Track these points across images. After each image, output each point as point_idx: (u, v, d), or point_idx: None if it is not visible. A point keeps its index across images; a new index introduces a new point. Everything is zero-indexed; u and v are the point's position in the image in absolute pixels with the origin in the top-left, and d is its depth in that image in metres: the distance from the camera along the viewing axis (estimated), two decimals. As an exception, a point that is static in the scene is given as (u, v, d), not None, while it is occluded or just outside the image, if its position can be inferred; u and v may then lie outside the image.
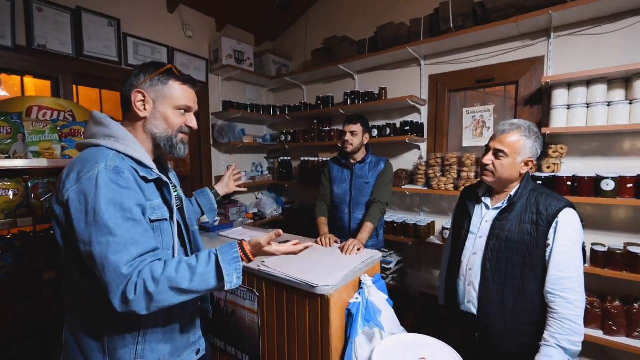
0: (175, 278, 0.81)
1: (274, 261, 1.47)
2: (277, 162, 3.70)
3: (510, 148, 1.25)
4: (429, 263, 2.80)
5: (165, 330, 0.96)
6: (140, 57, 2.70)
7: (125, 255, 0.79)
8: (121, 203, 0.81)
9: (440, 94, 2.71)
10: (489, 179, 1.32)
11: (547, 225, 1.18)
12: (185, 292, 0.83)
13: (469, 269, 1.35)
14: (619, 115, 1.81)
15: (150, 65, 0.98)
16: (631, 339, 1.76)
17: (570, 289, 1.14)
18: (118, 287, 0.78)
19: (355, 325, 1.27)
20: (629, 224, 1.97)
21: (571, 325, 1.12)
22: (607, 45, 2.01)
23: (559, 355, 1.12)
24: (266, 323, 1.44)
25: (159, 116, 0.97)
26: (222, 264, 0.87)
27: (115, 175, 0.83)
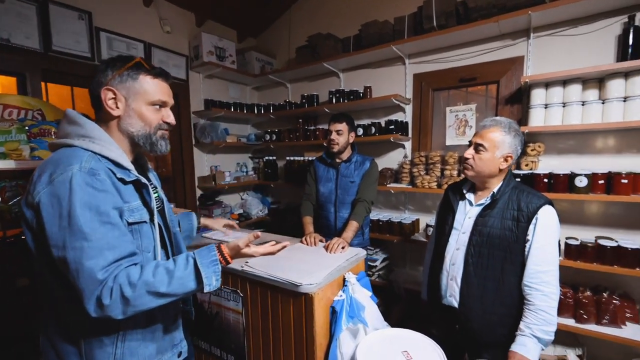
0: (153, 282, 0.80)
1: (257, 261, 1.47)
2: (262, 161, 3.67)
3: (490, 143, 1.29)
4: (413, 260, 2.85)
5: (145, 332, 0.94)
6: (114, 53, 2.58)
7: (100, 260, 0.77)
8: (97, 206, 0.79)
9: (425, 92, 2.75)
10: (470, 173, 1.36)
11: (527, 221, 1.23)
12: (163, 296, 0.83)
13: (452, 264, 1.39)
14: (593, 115, 1.88)
15: (117, 60, 0.92)
16: (600, 326, 1.86)
17: (546, 282, 1.19)
18: (92, 292, 0.76)
19: (340, 322, 1.30)
20: (600, 218, 2.07)
21: (545, 316, 1.18)
22: (582, 46, 2.08)
23: (533, 345, 1.17)
24: (251, 323, 1.45)
25: (133, 114, 0.92)
26: (201, 267, 0.87)
27: (91, 178, 0.80)
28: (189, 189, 3.25)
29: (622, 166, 1.93)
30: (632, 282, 1.96)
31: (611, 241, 1.83)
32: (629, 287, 1.97)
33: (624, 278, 1.94)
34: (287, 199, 3.75)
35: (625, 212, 1.99)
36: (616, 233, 2.00)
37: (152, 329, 0.96)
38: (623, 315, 1.84)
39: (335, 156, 2.17)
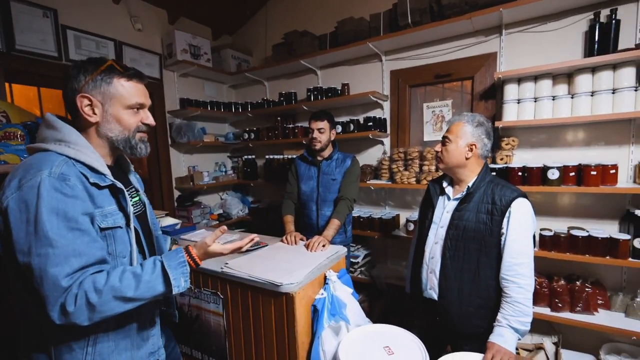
0: (120, 287, 0.79)
1: (237, 262, 1.45)
2: (241, 161, 3.60)
3: (453, 134, 1.37)
4: (394, 255, 2.88)
5: (117, 337, 0.91)
6: (84, 52, 2.49)
7: (65, 267, 0.76)
8: (65, 212, 0.77)
9: (402, 89, 2.76)
10: (440, 165, 1.43)
11: (501, 214, 1.25)
12: (131, 300, 0.82)
13: (431, 258, 1.41)
14: (563, 109, 1.94)
15: (88, 64, 0.90)
16: (574, 314, 1.92)
17: (521, 274, 1.22)
18: (56, 300, 0.75)
19: (321, 320, 1.30)
20: (572, 209, 2.14)
21: (521, 308, 1.21)
22: (552, 42, 2.14)
23: (510, 335, 1.20)
24: (232, 324, 1.44)
25: (111, 119, 0.91)
26: (168, 270, 0.86)
27: (60, 183, 0.78)
28: (166, 190, 3.16)
29: (590, 158, 1.99)
30: (602, 270, 2.03)
31: (583, 231, 1.89)
32: (600, 275, 2.05)
33: (595, 266, 2.01)
34: (267, 198, 3.70)
35: (594, 202, 2.07)
36: (587, 223, 2.07)
37: (125, 334, 0.93)
38: (595, 303, 1.91)
39: (317, 154, 2.16)
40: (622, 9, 1.89)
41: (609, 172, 1.80)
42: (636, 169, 1.90)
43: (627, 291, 1.96)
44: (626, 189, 1.79)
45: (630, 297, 1.89)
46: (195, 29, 3.35)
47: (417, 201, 2.78)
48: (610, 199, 2.00)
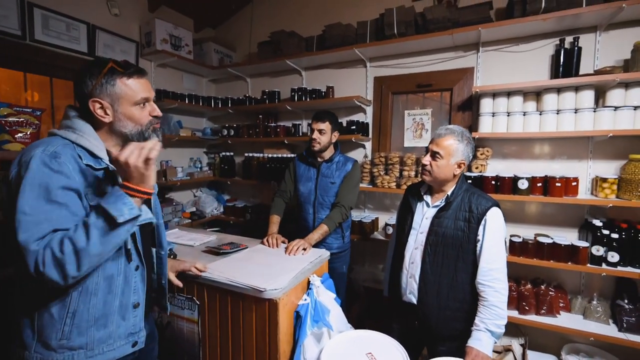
0: (73, 236, 0.82)
1: (216, 266, 1.39)
2: (218, 157, 3.51)
3: (445, 150, 1.38)
4: (372, 258, 2.93)
5: (98, 315, 0.94)
6: (52, 33, 2.30)
7: (35, 232, 0.81)
8: (47, 185, 0.83)
9: (385, 95, 2.84)
10: (427, 178, 1.44)
11: (477, 222, 1.33)
12: (88, 249, 0.82)
13: (411, 263, 1.45)
14: (532, 124, 2.09)
15: (92, 67, 0.95)
16: (539, 316, 2.06)
17: (497, 279, 1.30)
18: (30, 260, 0.80)
19: (304, 326, 1.27)
20: (538, 217, 2.30)
21: (498, 311, 1.28)
22: (523, 62, 2.31)
23: (487, 338, 1.27)
24: (207, 332, 1.37)
25: (122, 117, 0.97)
26: (105, 205, 0.83)
27: (50, 159, 0.85)
28: (136, 185, 3.00)
29: (554, 170, 2.17)
30: (564, 274, 2.21)
31: (548, 238, 2.04)
32: (562, 279, 2.22)
33: (557, 271, 2.18)
34: (245, 196, 3.64)
35: (557, 211, 2.24)
36: (550, 230, 2.25)
37: (106, 313, 0.96)
38: (558, 305, 2.06)
39: (316, 155, 2.11)
40: (584, 37, 2.09)
41: (571, 184, 1.97)
42: (593, 182, 2.09)
43: (585, 294, 2.14)
44: (585, 200, 1.96)
45: (587, 300, 2.07)
46: (177, 19, 3.25)
47: (396, 205, 2.86)
48: (571, 208, 2.18)
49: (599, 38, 2.06)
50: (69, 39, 2.40)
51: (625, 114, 1.84)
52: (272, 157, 3.12)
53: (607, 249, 1.88)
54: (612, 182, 1.89)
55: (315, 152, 2.08)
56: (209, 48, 3.37)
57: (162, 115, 1.05)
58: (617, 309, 1.96)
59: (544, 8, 1.95)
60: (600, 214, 2.08)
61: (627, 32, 1.99)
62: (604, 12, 1.86)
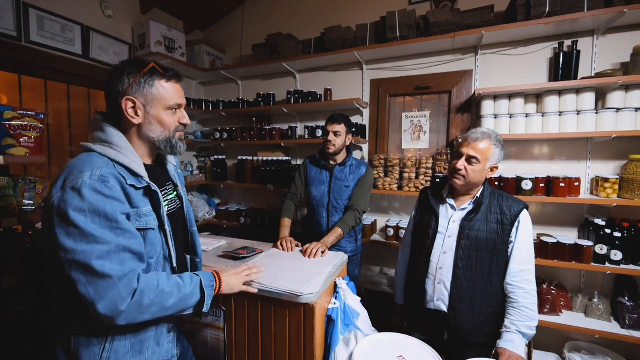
0: (167, 293, 0.83)
1: None
2: (209, 161, 3.40)
3: (482, 155, 1.33)
4: (370, 260, 2.89)
5: (135, 340, 0.91)
6: (47, 34, 2.22)
7: (113, 260, 0.78)
8: (105, 213, 0.79)
9: (382, 98, 2.83)
10: (460, 182, 1.38)
11: (511, 224, 1.31)
12: (168, 309, 0.86)
13: (439, 268, 1.40)
14: (535, 126, 2.12)
15: (130, 66, 0.92)
16: (542, 315, 2.07)
17: (527, 280, 1.28)
18: (107, 291, 0.76)
19: (337, 331, 1.24)
20: (539, 217, 2.33)
21: (529, 313, 1.26)
22: (520, 65, 2.35)
23: (519, 340, 1.24)
24: (234, 340, 1.30)
25: (153, 120, 0.94)
26: (205, 288, 0.92)
27: (100, 185, 0.80)
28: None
29: (554, 171, 2.21)
30: (565, 273, 2.24)
31: (551, 238, 2.07)
32: (562, 278, 2.26)
33: (556, 270, 2.21)
34: (236, 200, 3.55)
35: (557, 211, 2.28)
36: (550, 230, 2.28)
37: (142, 338, 0.93)
38: (559, 304, 2.09)
39: (330, 158, 2.08)
40: (582, 41, 2.15)
41: (573, 184, 2.00)
42: (593, 182, 2.14)
43: (585, 293, 2.18)
44: (587, 200, 2.00)
45: (588, 298, 2.10)
46: (168, 20, 3.15)
47: (395, 207, 2.85)
48: (571, 208, 2.23)
49: (596, 42, 2.12)
50: (64, 41, 2.34)
51: (626, 116, 1.90)
52: (267, 160, 3.06)
53: (610, 247, 1.92)
54: (613, 182, 1.93)
55: (329, 155, 2.05)
56: (201, 50, 3.28)
57: (189, 124, 1.03)
58: (619, 306, 2.00)
59: (548, 12, 1.99)
60: (600, 214, 2.13)
61: (624, 36, 2.05)
62: (604, 16, 1.91)
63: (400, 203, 2.83)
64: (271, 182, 2.96)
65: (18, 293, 1.62)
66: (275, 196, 3.28)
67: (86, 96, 2.69)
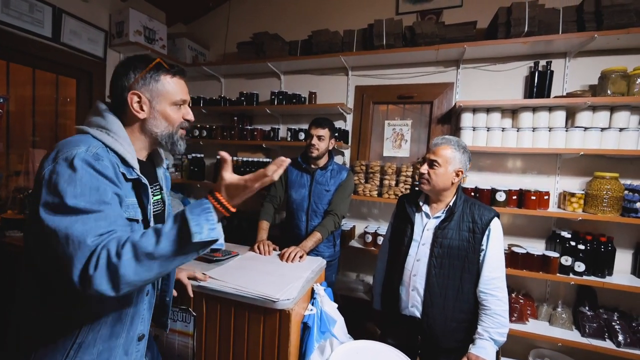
0: (139, 242, 0.72)
1: (215, 275, 1.30)
2: (186, 159, 3.30)
3: (442, 158, 1.40)
4: (346, 266, 2.90)
5: (102, 349, 0.86)
6: (12, 12, 2.06)
7: (92, 228, 0.72)
8: (97, 187, 0.76)
9: (366, 104, 2.86)
10: (426, 187, 1.44)
11: (482, 232, 1.35)
12: (153, 258, 0.72)
13: (413, 275, 1.42)
14: (510, 140, 2.21)
15: (137, 61, 0.92)
16: (511, 323, 2.13)
17: (499, 288, 1.32)
18: (79, 260, 0.70)
19: (312, 338, 1.22)
20: (510, 228, 2.42)
21: (500, 320, 1.30)
22: (498, 81, 2.45)
23: (491, 347, 1.28)
24: (204, 347, 1.25)
25: (158, 116, 0.94)
26: (188, 216, 0.75)
27: (94, 161, 0.78)
28: (95, 185, 2.72)
29: (525, 184, 2.31)
30: (532, 283, 2.34)
31: (521, 248, 2.15)
32: (530, 288, 2.35)
33: (525, 280, 2.30)
34: (214, 202, 3.44)
35: (527, 223, 2.38)
36: (520, 240, 2.38)
37: (110, 346, 0.87)
38: (526, 313, 2.17)
39: (312, 162, 2.08)
40: (556, 62, 2.26)
41: (543, 197, 2.10)
42: (560, 196, 2.25)
43: (550, 302, 2.28)
44: (555, 213, 2.10)
45: (552, 307, 2.20)
46: (148, 9, 3.02)
47: (374, 213, 2.87)
48: (540, 220, 2.33)
49: (568, 63, 2.24)
50: (31, 21, 2.17)
51: (593, 135, 2.01)
52: (246, 160, 3.01)
53: (574, 259, 2.02)
54: (579, 197, 2.04)
55: (313, 159, 2.05)
56: (183, 44, 3.19)
57: (194, 121, 1.01)
58: (580, 315, 2.10)
59: (527, 32, 2.08)
60: (566, 226, 2.24)
61: (593, 60, 2.19)
62: (576, 40, 2.03)
63: (380, 210, 2.86)
64: (250, 183, 2.90)
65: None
66: (253, 198, 3.18)
67: (54, 83, 2.52)
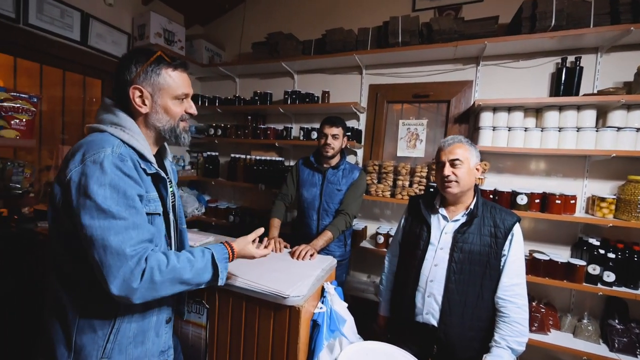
0: (178, 269, 0.84)
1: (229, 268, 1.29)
2: (201, 156, 3.34)
3: (462, 155, 1.32)
4: (357, 267, 2.84)
5: (137, 332, 0.91)
6: (45, 18, 2.19)
7: (127, 238, 0.78)
8: (124, 190, 0.80)
9: (379, 103, 2.79)
10: (455, 189, 1.32)
11: (504, 237, 1.27)
12: (182, 283, 0.86)
13: (430, 281, 1.34)
14: (533, 140, 2.09)
15: (138, 54, 0.92)
16: (531, 333, 2.02)
17: (519, 295, 1.24)
18: (119, 269, 0.76)
19: (321, 336, 1.20)
20: (532, 233, 2.29)
21: (519, 328, 1.21)
22: (522, 78, 2.32)
23: (508, 356, 1.20)
24: (216, 338, 1.27)
25: (160, 110, 0.94)
26: (218, 262, 0.92)
27: (120, 162, 0.82)
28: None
29: (550, 187, 2.17)
30: (555, 292, 2.20)
31: (544, 255, 2.02)
32: (552, 297, 2.21)
33: (547, 288, 2.16)
34: (227, 197, 3.50)
35: (550, 228, 2.24)
36: (543, 247, 2.24)
37: (144, 330, 0.93)
38: (548, 323, 2.04)
39: (324, 161, 2.06)
40: (586, 57, 2.12)
41: (569, 202, 1.96)
42: (589, 200, 2.10)
43: (575, 313, 2.13)
44: (582, 219, 1.96)
45: (577, 318, 2.06)
46: (168, 13, 3.11)
47: (386, 214, 2.80)
48: (565, 226, 2.19)
49: (599, 59, 2.10)
50: (62, 26, 2.30)
51: (627, 135, 1.87)
52: (259, 159, 3.00)
53: (603, 268, 1.88)
54: (610, 202, 1.90)
55: (325, 158, 2.04)
56: (200, 45, 3.23)
57: (196, 114, 1.02)
58: (608, 328, 1.96)
59: (553, 26, 1.96)
60: (594, 233, 2.09)
61: (628, 55, 2.03)
62: (609, 33, 1.89)
63: (392, 211, 2.78)
64: (263, 181, 2.91)
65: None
66: (266, 196, 3.22)
67: (81, 84, 2.63)
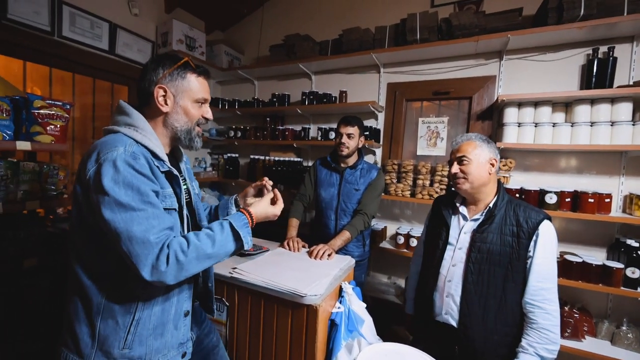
0: (200, 245, 0.88)
1: (247, 268, 1.32)
2: (222, 158, 3.40)
3: (468, 152, 1.29)
4: (377, 267, 2.79)
5: (157, 324, 0.95)
6: (77, 30, 2.34)
7: (149, 226, 0.82)
8: (138, 187, 0.84)
9: (398, 102, 2.74)
10: (464, 186, 1.31)
11: (528, 237, 1.19)
12: (208, 258, 0.90)
13: (447, 281, 1.31)
14: (563, 136, 1.98)
15: (166, 59, 0.99)
16: (563, 339, 1.89)
17: (548, 300, 1.16)
18: (147, 257, 0.81)
19: (339, 336, 1.19)
20: (563, 234, 2.16)
21: (549, 335, 1.14)
22: (549, 71, 2.22)
23: None
24: (236, 336, 1.30)
25: (180, 110, 0.99)
26: (238, 229, 0.95)
27: (133, 160, 0.85)
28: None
29: (582, 185, 2.05)
30: (590, 296, 2.07)
31: (576, 257, 1.91)
32: (587, 302, 2.08)
33: (582, 292, 2.03)
34: (247, 200, 3.51)
35: (583, 228, 2.11)
36: (575, 248, 2.12)
37: (164, 323, 0.96)
38: (582, 329, 1.92)
39: (341, 160, 2.05)
40: (619, 47, 2.00)
41: (604, 200, 1.84)
42: (626, 199, 1.97)
43: (612, 319, 1.99)
44: (619, 218, 1.84)
45: (615, 325, 1.93)
46: (190, 20, 3.21)
47: (406, 214, 2.74)
48: (600, 226, 2.06)
49: (635, 48, 1.97)
50: (92, 37, 2.46)
51: (668, 128, 1.73)
52: (278, 160, 3.02)
53: (643, 271, 1.75)
54: (650, 200, 1.77)
55: (342, 157, 2.02)
56: (220, 50, 3.31)
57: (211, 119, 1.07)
58: (650, 337, 1.82)
59: (583, 15, 1.85)
60: (633, 234, 1.95)
61: (667, 43, 1.90)
62: (646, 20, 1.77)
63: (413, 211, 2.72)
64: (282, 182, 2.91)
65: (35, 275, 1.67)
66: (284, 196, 3.17)
67: (109, 91, 2.76)
